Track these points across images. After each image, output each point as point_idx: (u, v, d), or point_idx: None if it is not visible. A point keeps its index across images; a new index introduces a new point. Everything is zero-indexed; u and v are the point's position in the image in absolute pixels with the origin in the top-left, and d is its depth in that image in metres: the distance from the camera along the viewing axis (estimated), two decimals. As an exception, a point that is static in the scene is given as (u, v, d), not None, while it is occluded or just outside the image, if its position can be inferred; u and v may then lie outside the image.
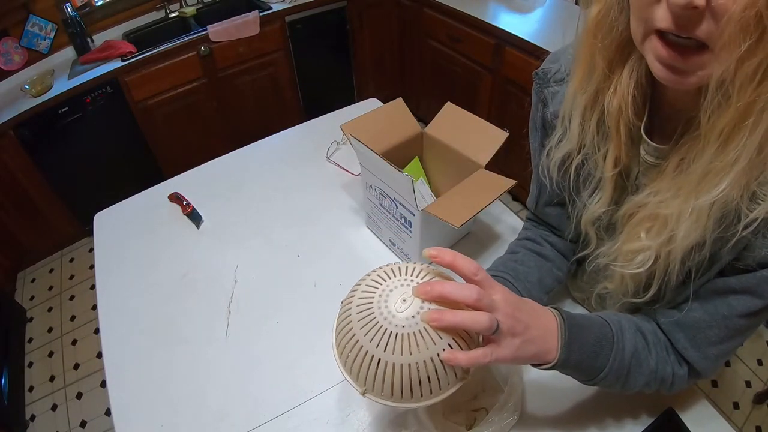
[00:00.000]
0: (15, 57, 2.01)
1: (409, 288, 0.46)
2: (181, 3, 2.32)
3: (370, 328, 0.45)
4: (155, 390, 0.77)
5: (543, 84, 0.64)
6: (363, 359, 0.46)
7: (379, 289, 0.47)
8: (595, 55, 0.49)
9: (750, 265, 0.46)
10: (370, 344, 0.45)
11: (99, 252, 1.01)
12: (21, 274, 2.24)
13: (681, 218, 0.45)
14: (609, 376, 0.52)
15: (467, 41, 2.05)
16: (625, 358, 0.53)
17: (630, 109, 0.50)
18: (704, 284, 0.51)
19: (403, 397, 0.46)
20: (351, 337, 0.47)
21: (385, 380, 0.45)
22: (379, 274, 0.49)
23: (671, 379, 0.55)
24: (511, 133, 0.83)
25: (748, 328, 0.51)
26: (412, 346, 0.44)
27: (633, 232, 0.52)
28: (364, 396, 0.48)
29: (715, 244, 0.46)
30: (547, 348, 0.49)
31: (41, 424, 1.69)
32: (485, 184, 0.80)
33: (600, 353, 0.52)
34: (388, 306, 0.45)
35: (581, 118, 0.55)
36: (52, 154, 1.98)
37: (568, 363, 0.50)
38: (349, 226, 1.01)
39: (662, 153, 0.51)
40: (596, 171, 0.57)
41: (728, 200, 0.41)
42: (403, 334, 0.44)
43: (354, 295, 0.49)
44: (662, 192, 0.48)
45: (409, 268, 0.49)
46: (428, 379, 0.45)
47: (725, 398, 1.54)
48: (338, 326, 0.50)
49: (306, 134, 1.29)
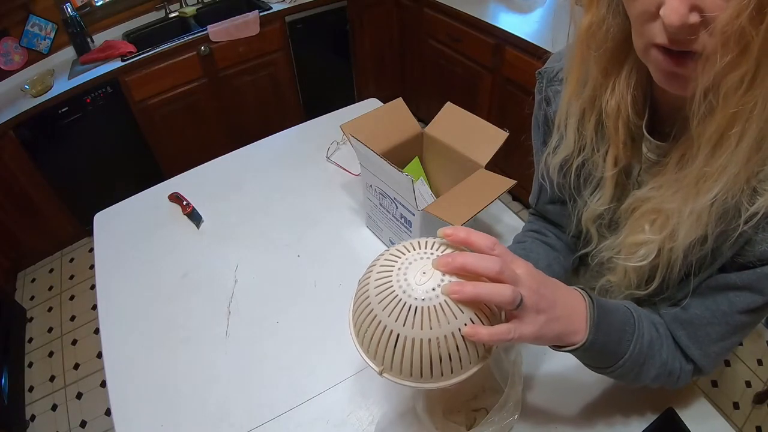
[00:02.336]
0: (15, 57, 2.01)
1: (429, 261, 0.44)
2: (181, 3, 2.32)
3: (389, 302, 0.43)
4: (155, 390, 0.77)
5: (546, 83, 0.64)
6: (381, 335, 0.44)
7: (398, 262, 0.45)
8: (588, 63, 0.50)
9: (751, 261, 0.46)
10: (389, 318, 0.43)
11: (99, 252, 1.01)
12: (21, 274, 2.24)
13: (682, 215, 0.45)
14: (627, 364, 0.50)
15: (467, 41, 2.05)
16: (644, 345, 0.51)
17: (630, 108, 0.50)
18: (705, 280, 0.51)
19: (422, 376, 0.44)
20: (369, 312, 0.45)
21: (404, 357, 0.43)
22: (397, 248, 0.47)
23: (678, 374, 0.55)
24: (511, 133, 0.83)
25: (748, 324, 0.51)
26: (432, 320, 0.42)
27: (636, 225, 0.52)
28: (382, 376, 0.46)
29: (717, 239, 0.46)
30: (574, 329, 0.46)
31: (41, 424, 1.69)
32: (485, 184, 0.80)
33: (623, 338, 0.50)
34: (407, 279, 0.44)
35: (578, 122, 0.55)
36: (52, 154, 1.98)
37: (594, 346, 0.47)
38: (349, 226, 1.01)
39: (664, 150, 0.51)
40: (596, 171, 0.57)
41: (728, 197, 0.42)
42: (423, 307, 0.42)
43: (372, 270, 0.47)
44: (665, 187, 0.48)
45: (429, 242, 0.47)
46: (449, 356, 0.43)
47: (725, 398, 1.54)
48: (355, 302, 0.48)
49: (306, 134, 1.29)
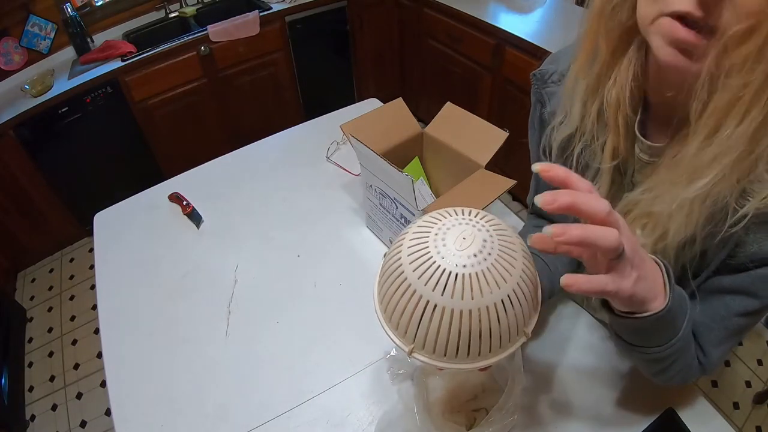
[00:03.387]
0: (15, 57, 2.01)
1: (468, 226, 0.41)
2: (181, 3, 2.32)
3: (425, 269, 0.39)
4: (155, 390, 0.77)
5: (540, 85, 0.64)
6: (415, 307, 0.40)
7: (435, 227, 0.41)
8: (599, 38, 0.49)
9: (743, 263, 0.46)
10: (425, 288, 0.39)
11: (99, 252, 1.01)
12: (21, 274, 2.24)
13: (672, 214, 0.45)
14: (678, 344, 0.47)
15: (467, 41, 2.05)
16: (691, 326, 0.49)
17: (628, 102, 0.50)
18: (700, 285, 0.51)
19: (458, 355, 0.40)
20: (401, 282, 0.41)
21: (441, 332, 0.39)
22: (431, 215, 0.43)
23: (692, 371, 0.54)
24: (511, 133, 0.83)
25: (746, 327, 0.51)
26: (474, 288, 0.38)
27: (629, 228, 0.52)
28: (411, 356, 0.42)
29: (705, 240, 0.46)
30: (656, 292, 0.43)
31: (41, 424, 1.69)
32: (485, 184, 0.80)
33: (682, 313, 0.46)
34: (446, 244, 0.39)
35: (583, 103, 0.54)
36: (52, 154, 1.97)
37: (669, 314, 0.43)
38: (349, 226, 1.01)
39: (655, 151, 0.52)
40: (594, 161, 0.57)
41: (719, 197, 0.42)
42: (465, 274, 0.38)
43: (404, 237, 0.43)
44: (655, 188, 0.48)
45: (465, 210, 0.43)
46: (489, 331, 0.40)
47: (725, 398, 1.54)
48: (383, 273, 0.44)
49: (306, 134, 1.29)
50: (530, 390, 0.69)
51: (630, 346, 0.50)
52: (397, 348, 0.68)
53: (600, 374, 0.71)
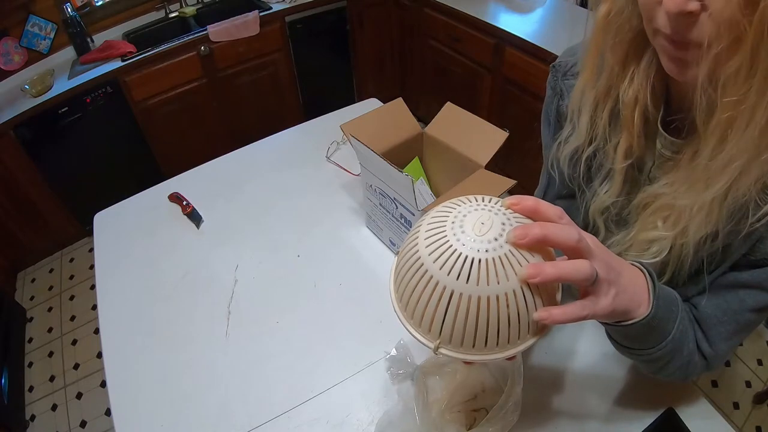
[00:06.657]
0: (15, 57, 2.01)
1: (485, 212, 0.40)
2: (181, 3, 2.32)
3: (446, 258, 0.38)
4: (155, 390, 0.77)
5: (560, 76, 0.64)
6: (439, 299, 0.39)
7: (451, 215, 0.40)
8: (604, 53, 0.50)
9: (762, 258, 0.46)
10: (448, 278, 0.38)
11: (99, 252, 1.01)
12: (21, 274, 2.24)
13: (694, 211, 0.45)
14: (669, 345, 0.48)
15: (467, 41, 2.05)
16: (685, 326, 0.50)
17: (649, 97, 0.50)
18: (716, 279, 0.51)
19: (487, 345, 0.39)
20: (422, 275, 0.39)
21: (468, 322, 0.38)
22: (446, 204, 0.42)
23: (694, 367, 0.54)
24: (511, 133, 0.83)
25: (755, 323, 0.51)
26: (499, 273, 0.37)
27: (648, 221, 0.52)
28: (437, 352, 0.41)
29: (728, 236, 0.46)
30: (638, 300, 0.44)
31: (41, 424, 1.69)
32: (485, 184, 0.80)
33: (670, 317, 0.48)
34: (464, 231, 0.39)
35: (592, 111, 0.55)
36: (52, 154, 1.97)
37: (654, 320, 0.45)
38: (349, 226, 1.01)
39: (678, 146, 0.51)
40: (607, 161, 0.57)
41: (739, 194, 0.42)
42: (486, 259, 0.37)
43: (420, 227, 0.42)
44: (678, 183, 0.48)
45: (479, 197, 0.42)
46: (517, 316, 0.39)
47: (725, 398, 1.54)
48: (399, 270, 0.43)
49: (306, 134, 1.29)
50: (530, 390, 0.69)
51: (623, 348, 0.51)
52: (397, 348, 0.68)
53: (600, 374, 0.71)
